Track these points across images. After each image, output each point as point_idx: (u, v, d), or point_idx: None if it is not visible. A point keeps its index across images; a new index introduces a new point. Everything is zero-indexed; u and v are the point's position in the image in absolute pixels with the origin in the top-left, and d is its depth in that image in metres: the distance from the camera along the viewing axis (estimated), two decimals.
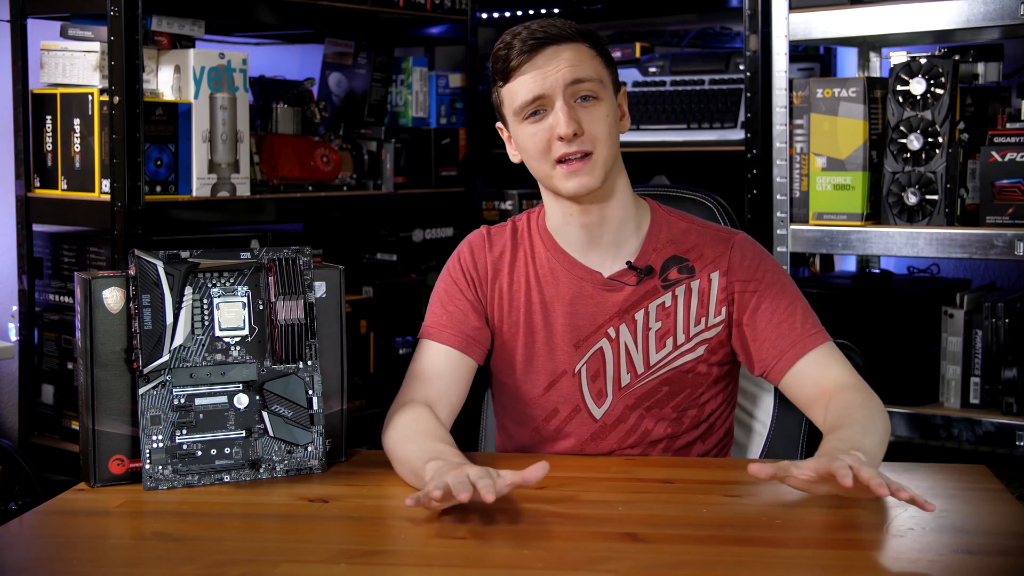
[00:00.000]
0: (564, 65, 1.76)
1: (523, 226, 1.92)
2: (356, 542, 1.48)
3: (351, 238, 3.49)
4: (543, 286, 1.87)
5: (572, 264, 1.86)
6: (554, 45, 1.77)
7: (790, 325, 1.80)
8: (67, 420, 2.82)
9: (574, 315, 1.85)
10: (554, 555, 1.41)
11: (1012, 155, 2.57)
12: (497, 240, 1.92)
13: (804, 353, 1.79)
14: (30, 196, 2.83)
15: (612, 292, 1.85)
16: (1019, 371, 2.64)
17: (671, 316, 1.84)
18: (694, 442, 1.88)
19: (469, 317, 1.86)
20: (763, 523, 1.51)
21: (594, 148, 1.77)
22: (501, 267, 1.90)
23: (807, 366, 1.79)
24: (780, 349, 1.80)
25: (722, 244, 1.86)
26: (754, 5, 2.90)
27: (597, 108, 1.78)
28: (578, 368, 1.85)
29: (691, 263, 1.85)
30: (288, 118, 3.10)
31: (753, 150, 2.92)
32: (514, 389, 1.89)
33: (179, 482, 1.66)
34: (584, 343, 1.85)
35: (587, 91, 1.77)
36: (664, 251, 1.86)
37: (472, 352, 1.86)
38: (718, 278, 1.84)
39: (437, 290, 1.91)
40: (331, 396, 1.77)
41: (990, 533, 1.48)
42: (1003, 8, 2.54)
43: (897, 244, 2.70)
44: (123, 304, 1.67)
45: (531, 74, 1.76)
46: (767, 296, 1.83)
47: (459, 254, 1.92)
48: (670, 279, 1.85)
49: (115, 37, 2.59)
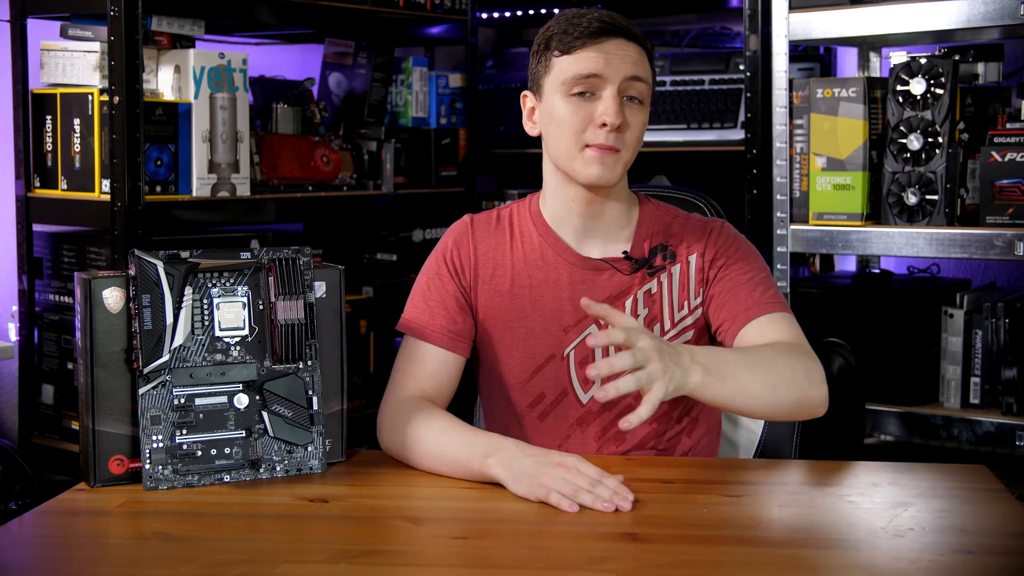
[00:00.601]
0: (629, 59, 1.78)
1: (509, 213, 1.94)
2: (356, 542, 1.47)
3: (351, 238, 3.49)
4: (532, 270, 1.88)
5: (564, 249, 1.88)
6: (624, 37, 1.79)
7: (748, 291, 1.82)
8: (67, 420, 2.82)
9: (564, 300, 1.87)
10: (554, 555, 1.41)
11: (1012, 155, 2.57)
12: (481, 227, 1.93)
13: (756, 316, 1.80)
14: (30, 196, 2.83)
15: (603, 277, 1.86)
16: (1019, 371, 2.64)
17: (657, 303, 1.86)
18: (679, 435, 1.90)
19: (451, 312, 1.88)
20: (763, 523, 1.51)
21: (624, 147, 1.79)
22: (485, 253, 1.91)
23: (756, 328, 1.80)
24: (735, 312, 1.82)
25: (702, 231, 1.89)
26: (754, 5, 2.90)
27: (640, 112, 1.80)
28: (567, 352, 1.86)
29: (673, 248, 1.88)
30: (288, 118, 3.10)
31: (753, 150, 2.92)
32: (499, 374, 1.90)
33: (179, 482, 1.66)
34: (574, 328, 1.86)
35: (638, 92, 1.79)
36: (653, 240, 1.89)
37: (458, 348, 1.87)
38: (695, 260, 1.87)
39: (420, 282, 1.92)
40: (331, 396, 1.77)
41: (990, 533, 1.48)
42: (1003, 8, 2.54)
43: (897, 244, 2.70)
44: (123, 304, 1.67)
45: (597, 53, 1.78)
46: (734, 269, 1.85)
47: (442, 245, 1.93)
48: (655, 266, 1.88)
49: (115, 37, 2.59)
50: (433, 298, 1.89)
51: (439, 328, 1.87)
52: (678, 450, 1.90)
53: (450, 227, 1.95)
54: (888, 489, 1.64)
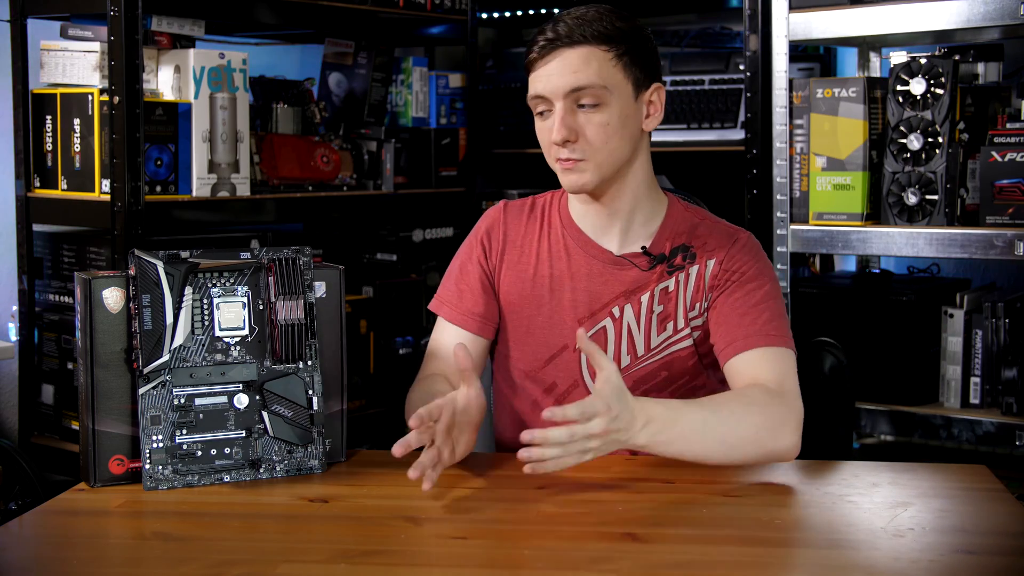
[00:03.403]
0: (568, 72, 1.78)
1: (544, 203, 1.98)
2: (356, 542, 1.47)
3: (351, 238, 3.49)
4: (554, 261, 1.92)
5: (586, 242, 1.91)
6: (566, 48, 1.79)
7: (752, 319, 1.81)
8: (67, 420, 2.82)
9: (582, 291, 1.89)
10: (554, 555, 1.41)
11: (1012, 155, 2.57)
12: (513, 213, 1.97)
13: (751, 347, 1.79)
14: (30, 196, 2.83)
15: (621, 271, 1.89)
16: (1019, 371, 2.64)
17: (672, 300, 1.88)
18: None
19: (478, 295, 1.93)
20: (763, 523, 1.51)
21: (585, 156, 1.80)
22: (514, 239, 1.95)
23: (748, 360, 1.79)
24: (733, 336, 1.81)
25: (727, 237, 1.90)
26: (754, 5, 2.90)
27: (598, 115, 1.80)
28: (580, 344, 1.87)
29: (694, 249, 1.89)
30: (288, 118, 3.10)
31: (753, 150, 2.92)
32: (515, 360, 1.94)
33: (179, 482, 1.66)
34: (589, 320, 1.89)
35: (590, 98, 1.79)
36: (675, 240, 1.90)
37: (485, 332, 1.94)
38: (713, 265, 1.88)
39: (454, 265, 1.98)
40: (331, 396, 1.77)
41: (990, 533, 1.48)
42: (1003, 8, 2.54)
43: (897, 244, 2.70)
44: (123, 304, 1.67)
45: (540, 73, 1.81)
46: (745, 288, 1.85)
47: (476, 229, 1.99)
48: (675, 264, 1.89)
49: (115, 37, 2.59)
50: (463, 280, 1.95)
51: (466, 311, 1.93)
52: None
53: (485, 212, 2.01)
54: (888, 489, 1.64)
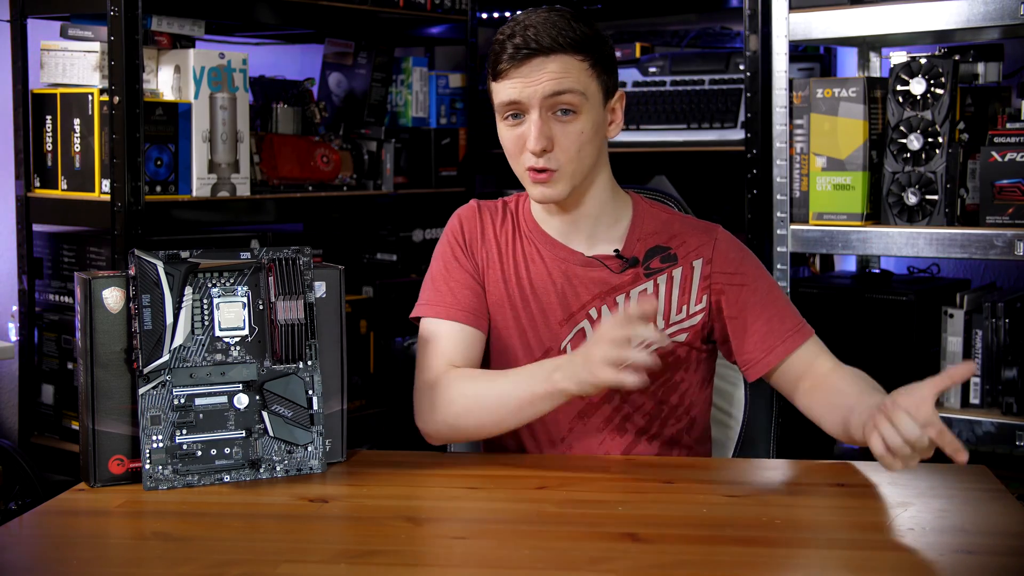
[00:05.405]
0: (546, 78, 1.77)
1: (513, 205, 1.96)
2: (356, 542, 1.48)
3: (351, 238, 3.49)
4: (530, 263, 1.90)
5: (554, 245, 1.90)
6: (542, 56, 1.77)
7: (780, 321, 1.86)
8: (67, 420, 2.82)
9: (559, 294, 1.88)
10: (554, 555, 1.41)
11: (1012, 155, 2.57)
12: (487, 213, 1.95)
13: (793, 349, 1.86)
14: (30, 196, 2.83)
15: (593, 271, 1.88)
16: (1019, 371, 2.64)
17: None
18: (679, 434, 1.91)
19: (470, 289, 1.89)
20: (763, 523, 1.51)
21: (560, 166, 1.80)
22: (491, 239, 1.92)
23: (801, 359, 1.86)
24: (770, 344, 1.86)
25: (705, 234, 1.91)
26: (754, 5, 2.90)
27: (573, 123, 1.79)
28: (564, 345, 1.88)
29: (673, 251, 1.89)
30: (288, 118, 3.10)
31: (753, 150, 2.92)
32: (502, 364, 1.90)
33: (179, 482, 1.66)
34: (567, 322, 1.88)
35: (566, 104, 1.78)
36: (648, 241, 1.90)
37: (480, 325, 1.89)
38: (701, 266, 1.88)
39: (435, 267, 1.92)
40: (331, 396, 1.77)
41: (990, 533, 1.48)
42: (1003, 8, 2.54)
43: (897, 244, 2.70)
44: (123, 304, 1.67)
45: (514, 80, 1.78)
46: (755, 292, 1.88)
47: (451, 227, 1.94)
48: (652, 268, 1.89)
49: (115, 37, 2.59)
50: (451, 278, 1.90)
51: (462, 306, 1.87)
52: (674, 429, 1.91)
53: (455, 212, 1.96)
54: (888, 489, 1.64)
